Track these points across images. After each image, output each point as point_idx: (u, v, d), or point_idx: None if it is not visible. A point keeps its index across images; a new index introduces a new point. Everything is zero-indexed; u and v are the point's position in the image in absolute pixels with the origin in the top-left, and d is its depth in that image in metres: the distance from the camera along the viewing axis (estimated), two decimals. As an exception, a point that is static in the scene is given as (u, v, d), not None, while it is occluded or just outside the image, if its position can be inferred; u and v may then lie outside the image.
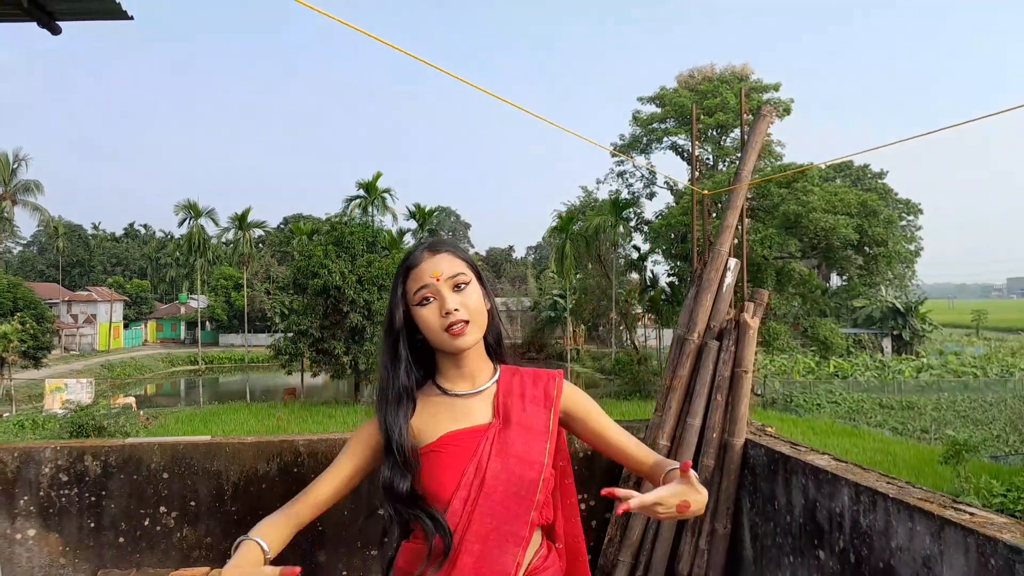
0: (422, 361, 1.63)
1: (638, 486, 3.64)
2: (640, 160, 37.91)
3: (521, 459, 1.53)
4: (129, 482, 3.56)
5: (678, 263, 36.21)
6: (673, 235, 33.85)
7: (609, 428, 1.67)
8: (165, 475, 3.58)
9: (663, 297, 37.99)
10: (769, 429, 3.70)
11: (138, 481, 3.56)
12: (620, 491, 1.32)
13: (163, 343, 64.54)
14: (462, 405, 1.58)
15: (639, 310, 41.32)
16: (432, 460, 1.53)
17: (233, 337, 62.90)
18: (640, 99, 38.26)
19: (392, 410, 1.54)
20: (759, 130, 3.80)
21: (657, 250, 37.90)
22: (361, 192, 49.58)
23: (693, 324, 3.71)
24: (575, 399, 1.66)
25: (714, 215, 5.05)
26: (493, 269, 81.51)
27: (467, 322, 1.53)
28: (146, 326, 65.39)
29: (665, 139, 37.11)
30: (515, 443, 1.54)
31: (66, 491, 3.54)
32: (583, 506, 3.78)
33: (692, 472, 1.39)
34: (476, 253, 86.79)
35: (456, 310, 1.52)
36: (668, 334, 41.15)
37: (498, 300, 1.88)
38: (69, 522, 3.53)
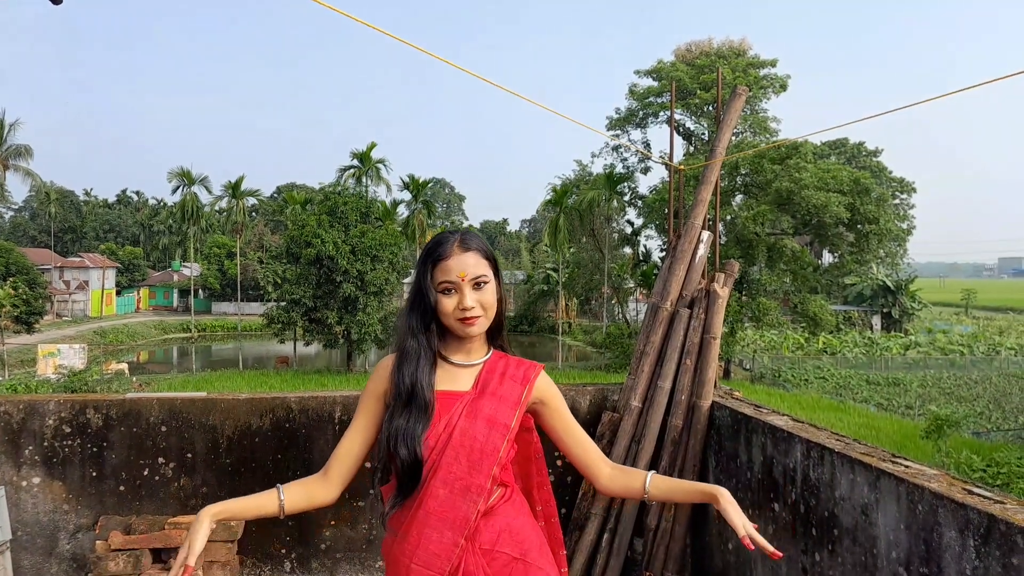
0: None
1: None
2: (626, 139, 37.78)
3: (489, 421, 1.75)
4: (129, 434, 3.75)
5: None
6: (667, 210, 33.85)
7: (574, 428, 1.90)
8: (163, 428, 3.77)
9: (655, 272, 38.15)
10: (736, 393, 3.91)
11: (138, 433, 3.76)
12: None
13: (155, 310, 64.69)
14: (451, 371, 1.81)
15: (631, 284, 41.54)
16: None
17: (226, 305, 63.10)
18: (637, 72, 38.04)
19: (425, 370, 1.75)
20: (733, 108, 3.96)
21: (650, 225, 37.91)
22: (355, 162, 49.49)
23: (666, 292, 3.90)
24: (550, 391, 1.88)
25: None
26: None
27: (479, 316, 1.75)
28: (138, 293, 65.49)
29: (662, 113, 36.94)
30: (485, 408, 1.76)
31: (69, 442, 3.73)
32: (559, 463, 4.00)
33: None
34: (470, 225, 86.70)
35: (472, 307, 1.73)
36: (659, 308, 41.23)
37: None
38: (72, 471, 3.73)
